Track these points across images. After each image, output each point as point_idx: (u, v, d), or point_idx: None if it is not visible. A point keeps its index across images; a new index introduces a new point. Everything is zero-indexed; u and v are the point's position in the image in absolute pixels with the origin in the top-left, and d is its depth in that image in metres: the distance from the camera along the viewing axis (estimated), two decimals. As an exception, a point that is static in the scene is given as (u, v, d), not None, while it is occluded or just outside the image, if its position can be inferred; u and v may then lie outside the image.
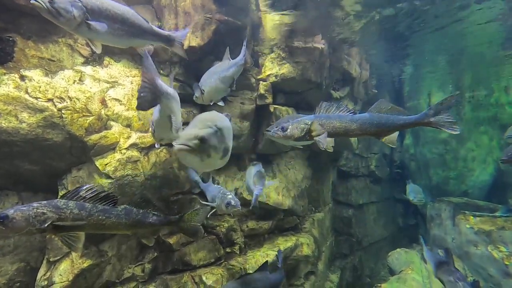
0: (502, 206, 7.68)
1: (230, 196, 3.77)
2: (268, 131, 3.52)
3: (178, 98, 3.25)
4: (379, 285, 6.36)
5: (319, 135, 3.10)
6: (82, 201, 2.60)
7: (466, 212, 7.26)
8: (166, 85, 3.00)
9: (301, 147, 4.71)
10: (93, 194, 2.65)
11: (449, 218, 7.85)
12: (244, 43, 4.20)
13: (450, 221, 7.76)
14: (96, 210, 2.65)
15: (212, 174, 5.42)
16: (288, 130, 3.20)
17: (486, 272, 6.30)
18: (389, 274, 7.54)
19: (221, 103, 4.33)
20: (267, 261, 4.47)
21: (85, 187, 2.66)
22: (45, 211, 2.41)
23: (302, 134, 3.16)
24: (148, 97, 2.69)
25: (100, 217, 2.65)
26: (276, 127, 3.57)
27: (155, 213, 3.04)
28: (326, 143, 3.08)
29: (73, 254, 3.86)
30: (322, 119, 3.16)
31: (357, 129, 3.12)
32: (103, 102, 4.17)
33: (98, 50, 2.94)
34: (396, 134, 3.23)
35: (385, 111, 3.15)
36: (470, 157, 10.15)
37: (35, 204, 2.42)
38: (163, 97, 2.83)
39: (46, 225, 2.38)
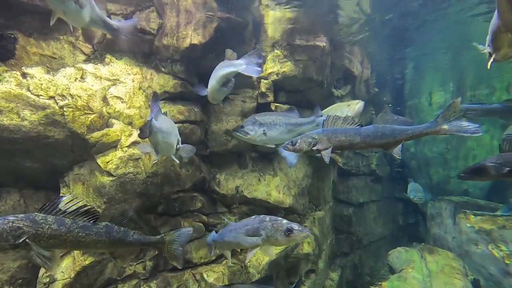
0: (503, 205, 7.68)
1: (285, 221, 3.03)
2: (235, 131, 3.76)
3: (172, 125, 3.58)
4: (379, 283, 6.37)
5: (325, 149, 3.18)
6: (62, 215, 2.43)
7: (467, 211, 7.26)
8: (161, 119, 3.33)
9: (273, 145, 4.73)
10: (73, 209, 2.50)
11: (450, 217, 7.85)
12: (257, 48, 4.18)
13: (451, 220, 7.77)
14: (76, 226, 2.48)
15: (213, 172, 5.43)
16: (297, 144, 3.32)
17: (486, 271, 6.31)
18: (389, 273, 7.55)
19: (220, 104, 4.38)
20: (272, 275, 4.43)
21: (64, 199, 2.50)
22: (21, 225, 2.24)
23: (310, 148, 3.25)
24: (147, 132, 3.12)
25: (80, 233, 2.49)
26: (243, 127, 3.80)
27: (136, 232, 2.87)
28: (329, 157, 3.16)
29: (75, 251, 3.87)
30: (328, 134, 3.20)
31: (361, 142, 3.14)
32: (105, 100, 4.17)
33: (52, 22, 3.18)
34: (400, 145, 3.18)
35: (390, 122, 3.14)
36: (471, 156, 10.14)
37: (10, 218, 2.26)
38: (157, 132, 3.20)
39: (20, 240, 2.21)
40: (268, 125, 4.31)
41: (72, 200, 2.52)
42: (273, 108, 5.75)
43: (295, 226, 2.95)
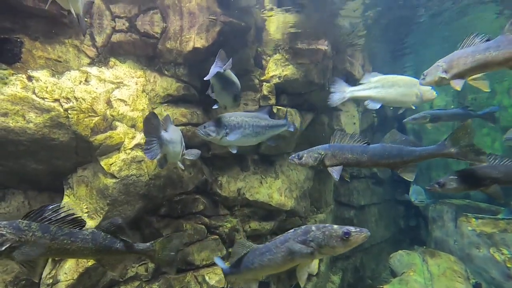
0: (504, 209, 7.67)
1: (336, 226, 2.61)
2: (198, 130, 3.69)
3: (179, 133, 3.62)
4: (381, 286, 6.37)
5: (332, 165, 3.15)
6: (47, 223, 2.36)
7: (468, 214, 7.25)
8: (170, 129, 3.41)
9: (235, 150, 4.62)
10: (59, 217, 2.42)
11: (451, 220, 7.84)
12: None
13: (452, 223, 7.76)
14: (61, 233, 2.41)
15: (215, 174, 5.45)
16: (303, 159, 3.26)
17: (488, 274, 6.30)
18: (390, 276, 7.54)
19: (214, 106, 4.35)
20: (269, 281, 4.28)
21: (51, 207, 2.43)
22: (4, 232, 2.19)
23: (316, 163, 3.20)
24: (156, 149, 3.16)
25: (65, 241, 2.42)
26: (205, 128, 3.71)
27: (124, 239, 2.76)
28: (339, 175, 3.11)
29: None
30: (335, 150, 3.18)
31: (368, 161, 3.11)
32: (109, 103, 4.22)
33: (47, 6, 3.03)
34: (415, 169, 3.11)
35: (399, 142, 3.09)
36: (472, 159, 10.13)
37: None
38: (168, 144, 3.28)
39: (3, 248, 2.16)
40: (232, 127, 4.00)
41: (59, 208, 2.45)
42: (274, 111, 5.78)
43: (351, 228, 2.55)
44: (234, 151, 4.21)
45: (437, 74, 3.04)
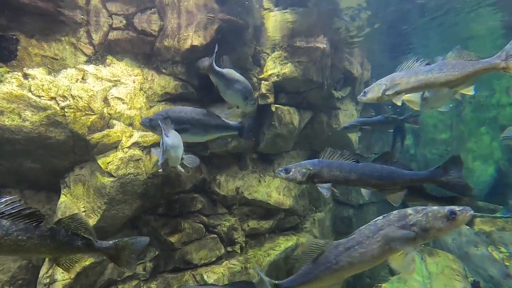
0: (503, 207, 7.69)
1: (436, 206, 2.44)
2: (143, 122, 3.63)
3: (179, 138, 3.56)
4: (379, 285, 6.38)
5: (320, 182, 3.10)
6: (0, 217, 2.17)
7: (467, 212, 7.26)
8: (171, 135, 3.40)
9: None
10: (14, 210, 2.21)
11: (450, 219, 7.85)
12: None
13: (451, 221, 7.76)
14: (15, 228, 2.19)
15: (214, 173, 5.43)
16: (291, 173, 3.18)
17: (486, 272, 6.31)
18: (389, 275, 7.54)
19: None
20: (252, 282, 4.21)
21: (4, 199, 2.21)
22: None
23: (304, 179, 3.13)
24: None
25: (20, 237, 2.21)
26: (152, 121, 3.60)
27: (86, 236, 2.58)
28: (329, 193, 3.06)
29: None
30: (323, 166, 3.13)
31: (357, 180, 3.10)
32: (106, 101, 4.19)
33: None
34: (403, 194, 3.11)
35: (390, 164, 3.11)
36: (471, 158, 10.15)
37: None
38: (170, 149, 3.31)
39: None
40: (181, 123, 3.77)
41: (14, 201, 2.23)
42: (273, 109, 5.76)
43: (453, 207, 2.34)
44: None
45: (380, 92, 3.33)
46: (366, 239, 2.48)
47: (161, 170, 3.65)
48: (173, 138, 3.44)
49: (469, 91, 3.22)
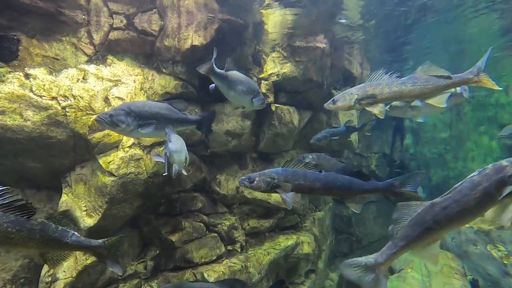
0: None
1: None
2: (99, 119, 3.30)
3: (182, 142, 3.54)
4: (378, 283, 6.40)
5: (285, 191, 3.14)
6: None
7: (466, 211, 7.29)
8: (174, 139, 3.42)
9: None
10: (6, 201, 2.15)
11: (449, 218, 7.88)
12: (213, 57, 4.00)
13: (450, 220, 7.79)
14: (5, 220, 2.12)
15: (214, 172, 5.46)
16: (255, 182, 3.23)
17: (485, 271, 6.34)
18: (388, 273, 7.58)
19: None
20: (242, 280, 4.35)
21: None
22: None
23: (268, 188, 3.18)
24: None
25: (10, 229, 2.14)
26: (112, 117, 3.32)
27: (75, 233, 2.54)
28: (292, 202, 3.10)
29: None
30: (288, 175, 3.18)
31: (321, 188, 3.20)
32: (107, 101, 4.20)
33: None
34: (362, 201, 3.39)
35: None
36: (470, 157, 10.19)
37: None
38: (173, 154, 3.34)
39: None
40: (146, 118, 3.58)
41: (5, 191, 2.15)
42: (273, 108, 5.79)
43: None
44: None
45: (352, 101, 3.47)
46: (464, 196, 2.42)
47: (166, 174, 3.60)
48: (175, 143, 3.44)
49: (441, 103, 3.39)
